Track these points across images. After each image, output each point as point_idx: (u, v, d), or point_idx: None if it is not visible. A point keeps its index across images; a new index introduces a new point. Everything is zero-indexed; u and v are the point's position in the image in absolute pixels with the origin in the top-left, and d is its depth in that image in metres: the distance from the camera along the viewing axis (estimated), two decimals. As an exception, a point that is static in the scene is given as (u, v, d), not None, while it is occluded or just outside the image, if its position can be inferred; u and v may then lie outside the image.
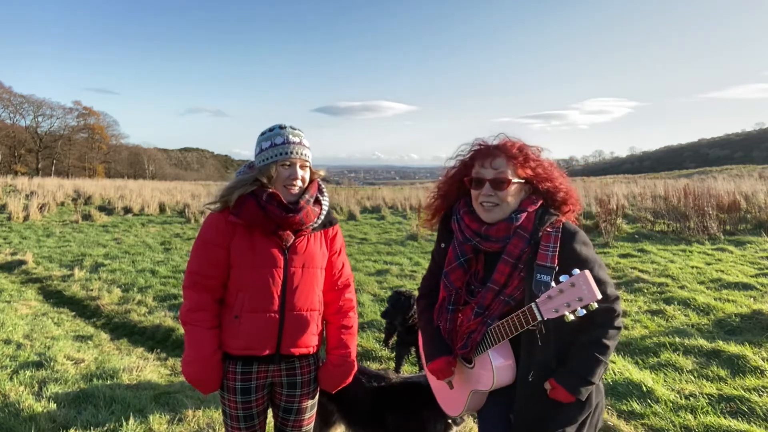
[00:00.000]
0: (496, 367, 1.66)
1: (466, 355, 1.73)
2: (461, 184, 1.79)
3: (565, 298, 1.46)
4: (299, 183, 1.89)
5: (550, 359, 1.63)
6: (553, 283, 1.53)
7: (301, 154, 1.88)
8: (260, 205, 1.83)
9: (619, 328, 1.65)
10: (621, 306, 1.68)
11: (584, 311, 1.45)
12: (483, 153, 1.71)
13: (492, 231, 1.67)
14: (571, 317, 1.46)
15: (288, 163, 1.87)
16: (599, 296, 1.44)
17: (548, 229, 1.65)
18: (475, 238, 1.70)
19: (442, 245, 1.85)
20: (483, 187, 1.68)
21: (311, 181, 1.97)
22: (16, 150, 51.54)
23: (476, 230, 1.70)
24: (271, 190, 1.86)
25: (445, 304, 1.79)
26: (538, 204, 1.70)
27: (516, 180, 1.67)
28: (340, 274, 2.06)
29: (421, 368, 4.13)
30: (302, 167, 1.90)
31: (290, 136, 1.88)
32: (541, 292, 1.54)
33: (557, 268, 1.59)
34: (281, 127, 1.91)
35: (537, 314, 1.52)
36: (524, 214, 1.67)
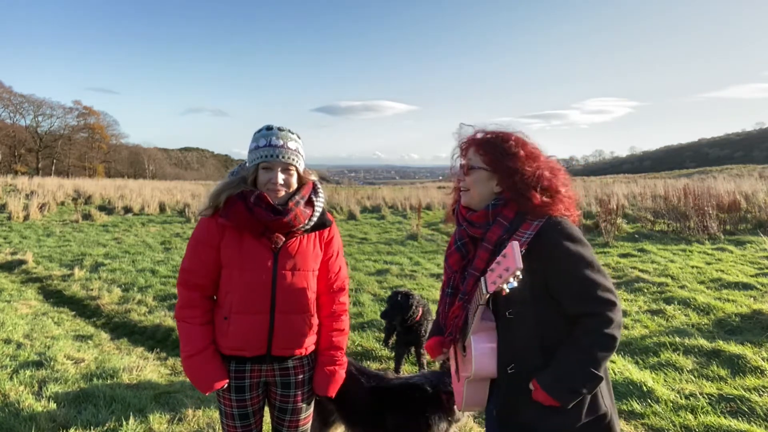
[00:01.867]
0: (476, 351, 1.64)
1: (453, 341, 1.77)
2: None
3: (500, 269, 1.45)
4: (282, 188, 1.85)
5: (532, 352, 1.58)
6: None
7: (283, 158, 1.83)
8: (248, 207, 1.81)
9: (612, 338, 1.51)
10: (618, 315, 1.54)
11: (515, 283, 1.42)
12: (460, 146, 1.79)
13: (474, 217, 1.71)
14: (507, 290, 1.44)
15: (268, 166, 1.83)
16: (521, 265, 1.39)
17: (530, 218, 1.62)
18: (464, 223, 1.75)
19: None
20: (458, 172, 1.78)
21: (305, 183, 1.94)
22: (16, 149, 51.56)
23: (465, 216, 1.75)
24: (258, 191, 1.83)
25: (444, 287, 1.83)
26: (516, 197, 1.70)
27: (480, 166, 1.69)
28: (336, 278, 2.04)
29: (420, 368, 4.13)
30: (284, 171, 1.85)
31: (273, 139, 1.83)
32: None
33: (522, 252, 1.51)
34: (268, 129, 1.87)
35: (483, 287, 1.50)
36: (501, 203, 1.66)
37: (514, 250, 1.42)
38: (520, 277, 1.42)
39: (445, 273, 1.85)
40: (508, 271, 1.42)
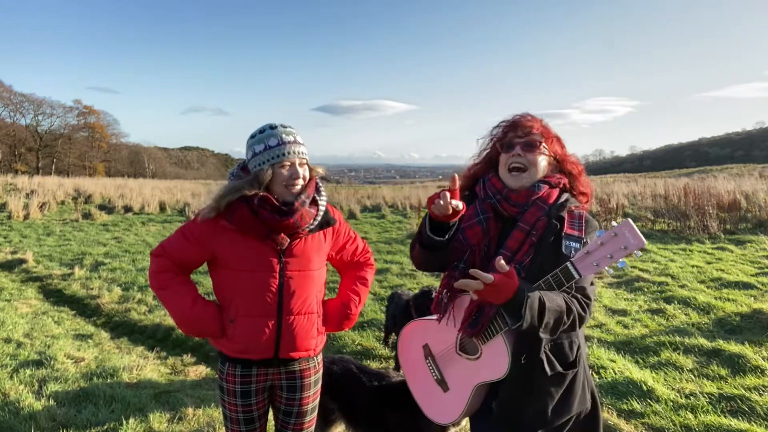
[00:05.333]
0: (510, 350, 1.56)
1: (476, 333, 1.61)
2: (490, 162, 1.78)
3: (608, 250, 1.40)
4: (301, 181, 1.84)
5: (542, 345, 1.57)
6: (587, 240, 1.49)
7: (299, 153, 1.83)
8: (252, 209, 1.77)
9: (582, 321, 1.55)
10: (592, 310, 1.65)
11: (624, 263, 1.40)
12: (516, 123, 1.71)
13: (513, 195, 1.65)
14: (610, 271, 1.42)
15: (287, 163, 1.81)
16: (645, 243, 1.39)
17: (573, 209, 1.64)
18: (496, 196, 1.68)
19: None
20: (514, 148, 1.67)
21: (309, 179, 1.92)
22: (17, 149, 51.56)
23: (500, 189, 1.68)
24: (262, 193, 1.79)
25: (454, 259, 1.71)
26: (562, 182, 1.69)
27: (546, 148, 1.68)
28: (361, 252, 2.14)
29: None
30: (301, 165, 1.85)
31: (284, 136, 1.81)
32: (571, 254, 1.49)
33: (586, 241, 1.54)
34: (272, 127, 1.84)
35: (573, 272, 1.45)
36: (546, 186, 1.66)
37: (635, 228, 1.38)
38: (639, 254, 1.40)
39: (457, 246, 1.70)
40: (625, 250, 1.37)
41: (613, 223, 1.43)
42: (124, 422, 3.15)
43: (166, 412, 3.37)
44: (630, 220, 1.40)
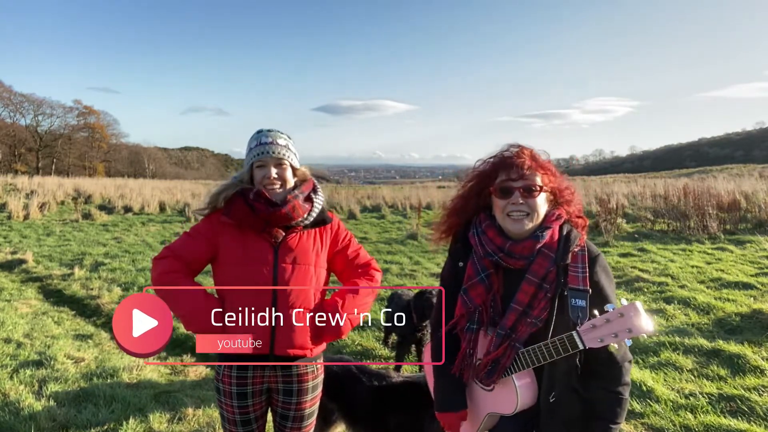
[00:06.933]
0: (520, 391, 1.59)
1: (492, 383, 1.64)
2: (479, 197, 1.71)
3: (613, 329, 1.41)
4: (277, 182, 1.91)
5: (572, 378, 1.58)
6: (596, 312, 1.48)
7: (274, 153, 1.89)
8: (248, 203, 1.87)
9: (628, 385, 1.58)
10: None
11: (630, 341, 1.42)
12: (507, 162, 1.62)
13: (517, 249, 1.59)
14: (616, 346, 1.43)
15: (261, 163, 1.90)
16: (651, 329, 1.40)
17: (575, 249, 1.59)
18: (498, 254, 1.61)
19: (461, 264, 1.72)
20: (512, 195, 1.59)
21: (307, 180, 1.99)
22: (17, 149, 51.56)
23: (500, 245, 1.61)
24: (257, 188, 1.90)
25: (463, 322, 1.68)
26: (562, 220, 1.64)
27: (545, 188, 1.61)
28: (362, 260, 2.07)
29: (421, 368, 4.13)
30: (277, 166, 1.91)
31: (263, 138, 1.92)
32: (578, 318, 1.49)
33: (590, 291, 1.53)
34: (258, 132, 1.96)
35: (579, 343, 1.46)
36: (549, 231, 1.59)
37: (642, 313, 1.38)
38: (646, 337, 1.41)
39: (462, 306, 1.67)
40: (630, 332, 1.39)
41: (623, 300, 1.43)
42: (124, 422, 3.16)
43: (166, 412, 3.37)
44: (638, 304, 1.41)
